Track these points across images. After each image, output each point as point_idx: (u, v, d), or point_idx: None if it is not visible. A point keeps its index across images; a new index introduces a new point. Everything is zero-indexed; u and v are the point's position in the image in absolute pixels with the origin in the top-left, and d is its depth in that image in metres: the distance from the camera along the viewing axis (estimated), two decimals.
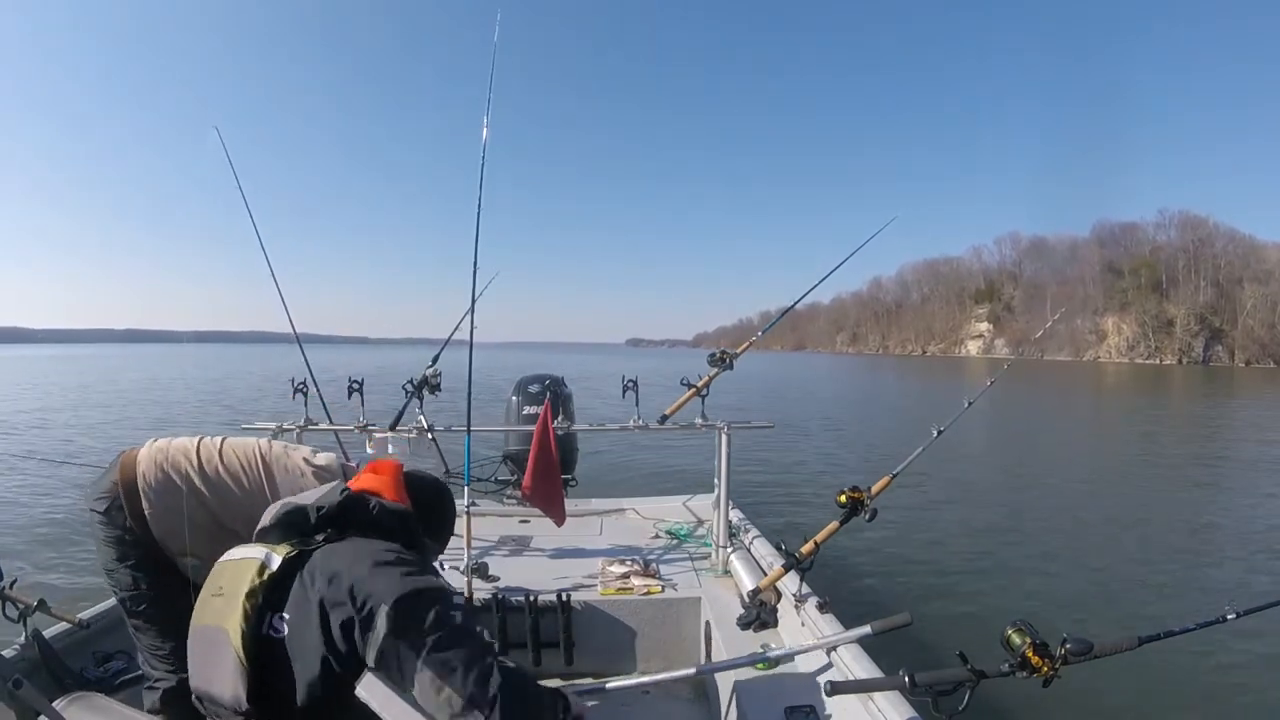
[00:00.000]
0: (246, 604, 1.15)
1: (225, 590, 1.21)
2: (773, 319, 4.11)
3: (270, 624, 1.16)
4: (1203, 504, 8.41)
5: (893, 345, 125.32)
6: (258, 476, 1.83)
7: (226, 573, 1.25)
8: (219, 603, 1.20)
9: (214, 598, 1.23)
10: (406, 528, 1.32)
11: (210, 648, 1.18)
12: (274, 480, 1.83)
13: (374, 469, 1.45)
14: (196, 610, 1.26)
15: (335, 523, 1.27)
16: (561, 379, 3.94)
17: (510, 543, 3.52)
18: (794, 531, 2.60)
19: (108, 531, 1.78)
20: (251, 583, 1.17)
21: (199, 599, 1.27)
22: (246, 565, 1.21)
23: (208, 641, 1.20)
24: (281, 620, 1.16)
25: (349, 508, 1.28)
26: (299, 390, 3.34)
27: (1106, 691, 3.44)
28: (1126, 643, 1.62)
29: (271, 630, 1.16)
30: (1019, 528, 7.17)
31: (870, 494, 2.36)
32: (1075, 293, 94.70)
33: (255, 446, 1.90)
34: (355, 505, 1.29)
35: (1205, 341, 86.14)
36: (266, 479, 1.83)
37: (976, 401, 2.75)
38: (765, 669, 2.17)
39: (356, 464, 2.03)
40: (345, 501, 1.29)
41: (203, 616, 1.24)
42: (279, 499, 1.79)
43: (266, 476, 1.83)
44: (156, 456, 1.81)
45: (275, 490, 1.82)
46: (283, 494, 1.80)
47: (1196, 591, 5.29)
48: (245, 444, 1.91)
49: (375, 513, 1.29)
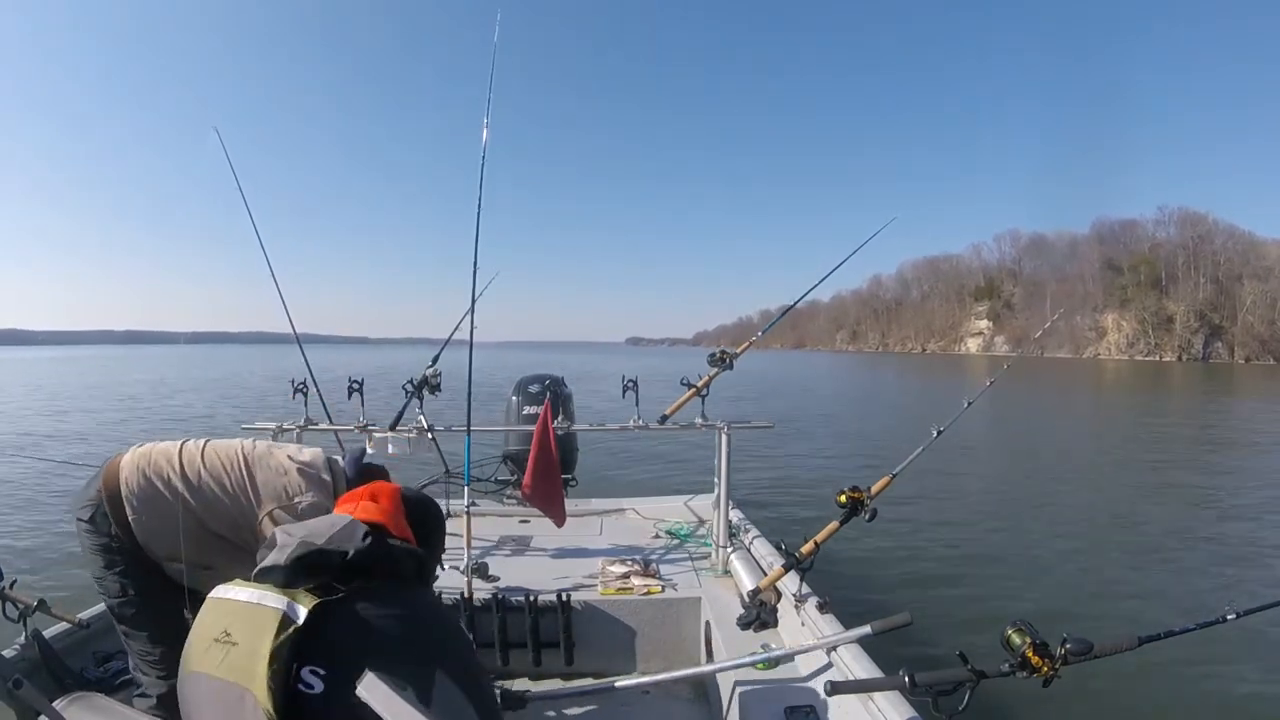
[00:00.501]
0: (274, 662, 1.06)
1: (238, 640, 1.11)
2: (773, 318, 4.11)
3: (299, 678, 1.08)
4: (1203, 503, 8.40)
5: (893, 343, 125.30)
6: (241, 478, 1.82)
7: (234, 617, 1.14)
8: (231, 654, 1.10)
9: (218, 644, 1.12)
10: (423, 568, 1.36)
11: (225, 704, 1.09)
12: (257, 481, 1.82)
13: (372, 495, 1.41)
14: (194, 653, 1.15)
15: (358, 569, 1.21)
16: (561, 379, 3.93)
17: (510, 543, 3.52)
18: (794, 531, 2.61)
19: (94, 540, 1.78)
20: (277, 638, 1.08)
21: (195, 640, 1.17)
22: (263, 615, 1.11)
23: (219, 695, 1.10)
24: (314, 675, 1.09)
25: (373, 554, 1.24)
26: (299, 390, 3.35)
27: (1106, 691, 3.44)
28: (1126, 643, 1.63)
29: (301, 685, 1.08)
30: (1019, 528, 7.17)
31: (870, 494, 2.36)
32: (1075, 290, 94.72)
33: (238, 448, 1.88)
34: (378, 551, 1.25)
35: (1205, 338, 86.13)
36: (250, 480, 1.82)
37: (976, 401, 2.75)
38: (765, 669, 2.17)
39: (344, 459, 2.02)
40: (371, 548, 1.24)
41: (206, 663, 1.12)
42: (264, 499, 1.79)
43: (249, 478, 1.82)
44: (139, 463, 1.80)
45: (258, 491, 1.81)
46: (265, 494, 1.80)
47: (1196, 591, 5.29)
48: (228, 446, 1.90)
49: (397, 556, 1.28)
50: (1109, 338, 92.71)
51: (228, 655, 1.10)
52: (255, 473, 1.84)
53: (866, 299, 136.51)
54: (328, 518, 1.34)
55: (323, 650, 1.10)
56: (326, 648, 1.11)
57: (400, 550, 1.30)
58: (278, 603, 1.12)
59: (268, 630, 1.09)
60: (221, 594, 1.19)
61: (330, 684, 1.08)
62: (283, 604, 1.11)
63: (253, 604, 1.13)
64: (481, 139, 2.98)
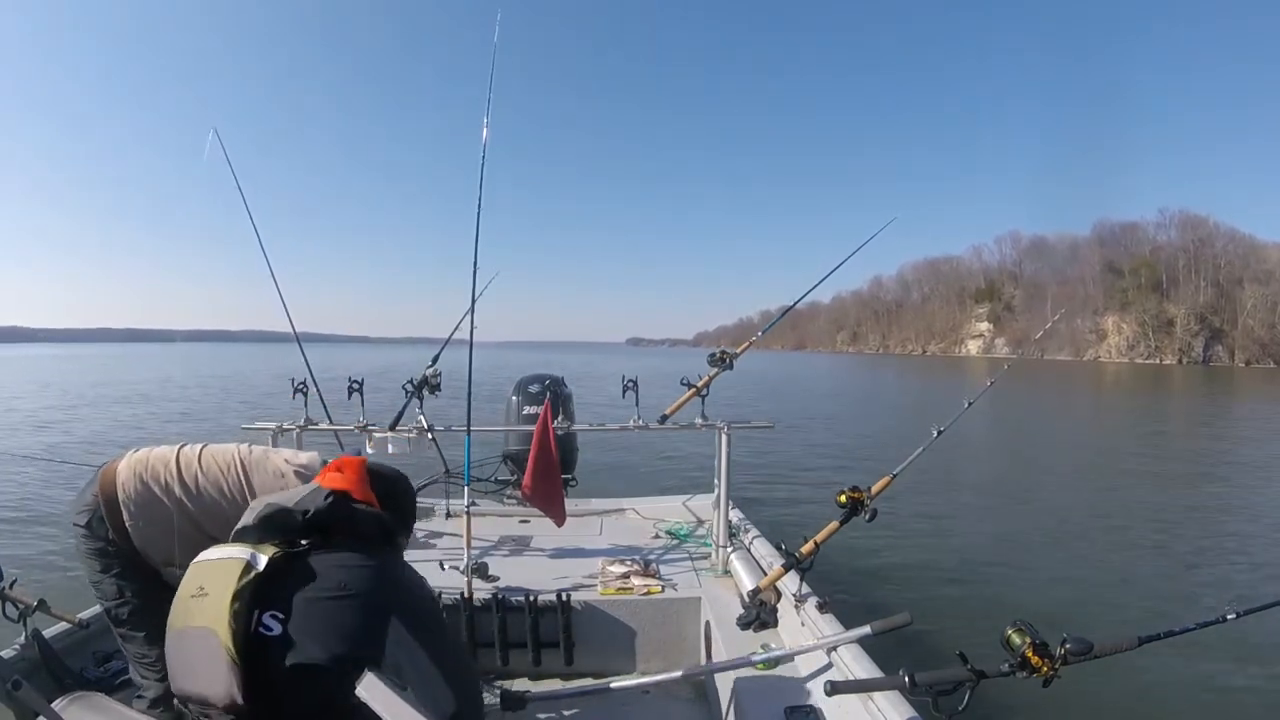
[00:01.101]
0: (235, 603, 1.16)
1: (208, 590, 1.20)
2: (773, 318, 4.11)
3: (260, 622, 1.17)
4: (1203, 504, 8.41)
5: (893, 344, 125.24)
6: (238, 482, 1.82)
7: (206, 573, 1.24)
8: (202, 603, 1.19)
9: (194, 599, 1.22)
10: (385, 530, 1.41)
11: (196, 648, 1.17)
12: (254, 485, 1.83)
13: (338, 467, 1.47)
14: (175, 613, 1.25)
15: (320, 527, 1.30)
16: (561, 379, 3.94)
17: (510, 543, 3.52)
18: (794, 531, 2.60)
19: (91, 544, 1.79)
20: (238, 582, 1.18)
21: (176, 602, 1.26)
22: (229, 565, 1.21)
23: (192, 642, 1.19)
24: (274, 619, 1.17)
25: (333, 513, 1.33)
26: (299, 390, 3.35)
27: (1106, 691, 3.44)
28: (1126, 643, 1.62)
29: (261, 628, 1.16)
30: (1019, 528, 7.17)
31: (870, 494, 2.36)
32: (1075, 292, 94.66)
33: (234, 452, 1.89)
34: (339, 510, 1.34)
35: (1205, 341, 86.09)
36: (246, 484, 1.82)
37: (976, 402, 2.75)
38: (765, 669, 2.17)
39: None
40: (331, 507, 1.33)
41: (184, 618, 1.22)
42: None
43: (246, 482, 1.83)
44: (136, 468, 1.81)
45: (256, 495, 1.81)
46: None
47: (1196, 591, 5.29)
48: (225, 450, 1.90)
49: (358, 518, 1.36)
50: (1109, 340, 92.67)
51: (201, 606, 1.19)
52: (252, 477, 1.84)
53: (867, 300, 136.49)
54: (301, 488, 1.42)
55: (282, 596, 1.19)
56: (285, 594, 1.19)
57: (362, 513, 1.38)
58: (242, 553, 1.23)
59: (231, 576, 1.19)
60: (200, 558, 1.29)
61: (288, 627, 1.17)
62: (246, 554, 1.22)
63: (222, 559, 1.24)
64: (481, 139, 2.98)
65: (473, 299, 2.94)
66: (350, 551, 1.29)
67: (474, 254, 2.83)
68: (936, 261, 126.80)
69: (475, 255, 2.83)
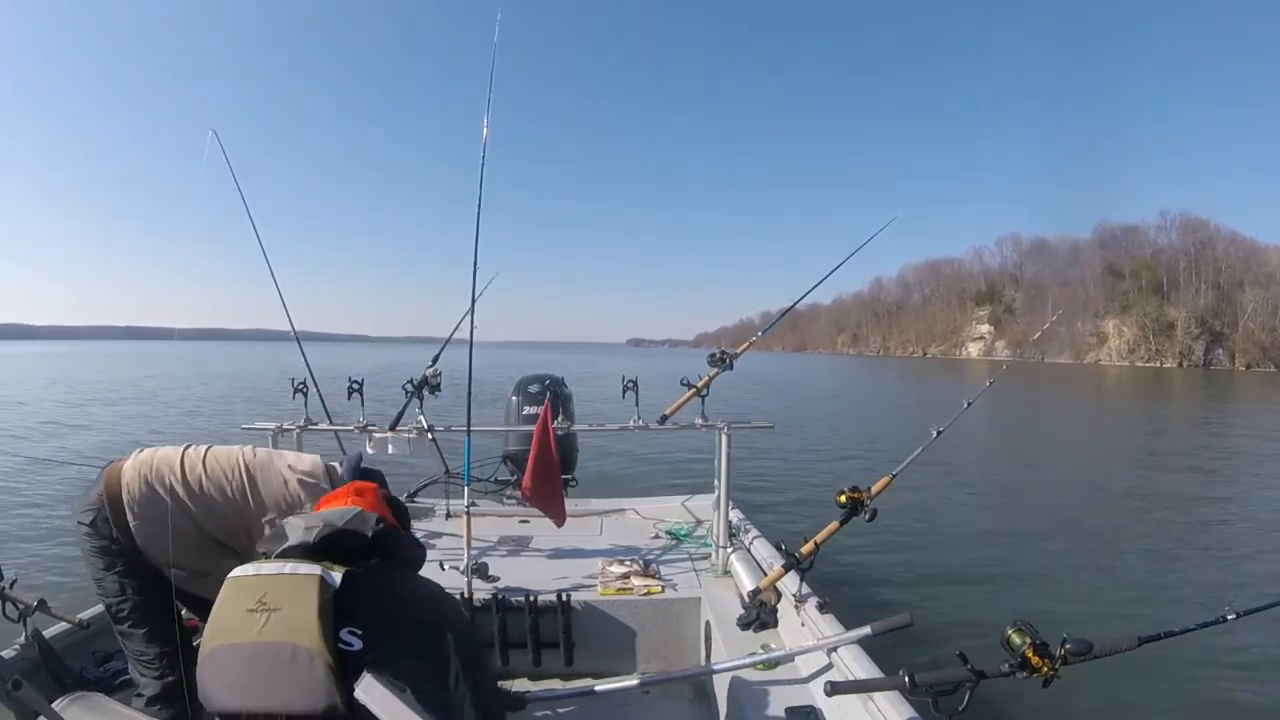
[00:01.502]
0: (322, 618, 1.17)
1: (278, 606, 1.19)
2: (773, 319, 4.11)
3: (339, 638, 1.18)
4: (1203, 504, 8.40)
5: (894, 346, 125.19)
6: (242, 485, 1.85)
7: (268, 587, 1.22)
8: (275, 617, 1.18)
9: (255, 614, 1.19)
10: (419, 555, 1.49)
11: (276, 662, 1.16)
12: (258, 489, 1.85)
13: (358, 493, 1.52)
14: (225, 629, 1.21)
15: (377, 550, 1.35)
16: (561, 379, 3.94)
17: (510, 543, 3.52)
18: (794, 531, 2.60)
19: (94, 543, 1.81)
20: (321, 598, 1.19)
21: (221, 616, 1.23)
22: (301, 581, 1.21)
23: (270, 656, 1.17)
24: (352, 635, 1.19)
25: (387, 536, 1.39)
26: (299, 390, 3.35)
27: (1106, 691, 3.44)
28: (1126, 643, 1.63)
29: (342, 644, 1.18)
30: (1019, 528, 7.17)
31: (870, 494, 2.36)
32: (1076, 295, 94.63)
33: (239, 456, 1.91)
34: (390, 534, 1.40)
35: (1206, 345, 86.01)
36: (250, 488, 1.85)
37: (975, 402, 2.75)
38: (765, 669, 2.17)
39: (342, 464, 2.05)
40: (385, 531, 1.39)
41: (243, 634, 1.19)
42: (264, 508, 1.82)
43: (250, 486, 1.85)
44: (141, 469, 1.83)
45: (260, 498, 1.84)
46: (267, 502, 1.83)
47: (1196, 591, 5.28)
48: (229, 453, 1.92)
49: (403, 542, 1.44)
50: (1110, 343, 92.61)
51: (269, 620, 1.18)
52: (257, 480, 1.87)
53: (868, 302, 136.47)
54: (336, 509, 1.42)
55: (357, 613, 1.21)
56: (360, 611, 1.21)
57: (406, 537, 1.47)
58: (311, 570, 1.23)
59: (310, 592, 1.19)
60: (242, 573, 1.28)
61: (367, 643, 1.19)
62: (317, 570, 1.23)
63: (285, 574, 1.24)
64: (482, 139, 2.98)
65: (473, 299, 2.94)
66: (403, 573, 1.39)
67: (474, 254, 2.84)
68: (937, 263, 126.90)
69: (475, 255, 2.83)
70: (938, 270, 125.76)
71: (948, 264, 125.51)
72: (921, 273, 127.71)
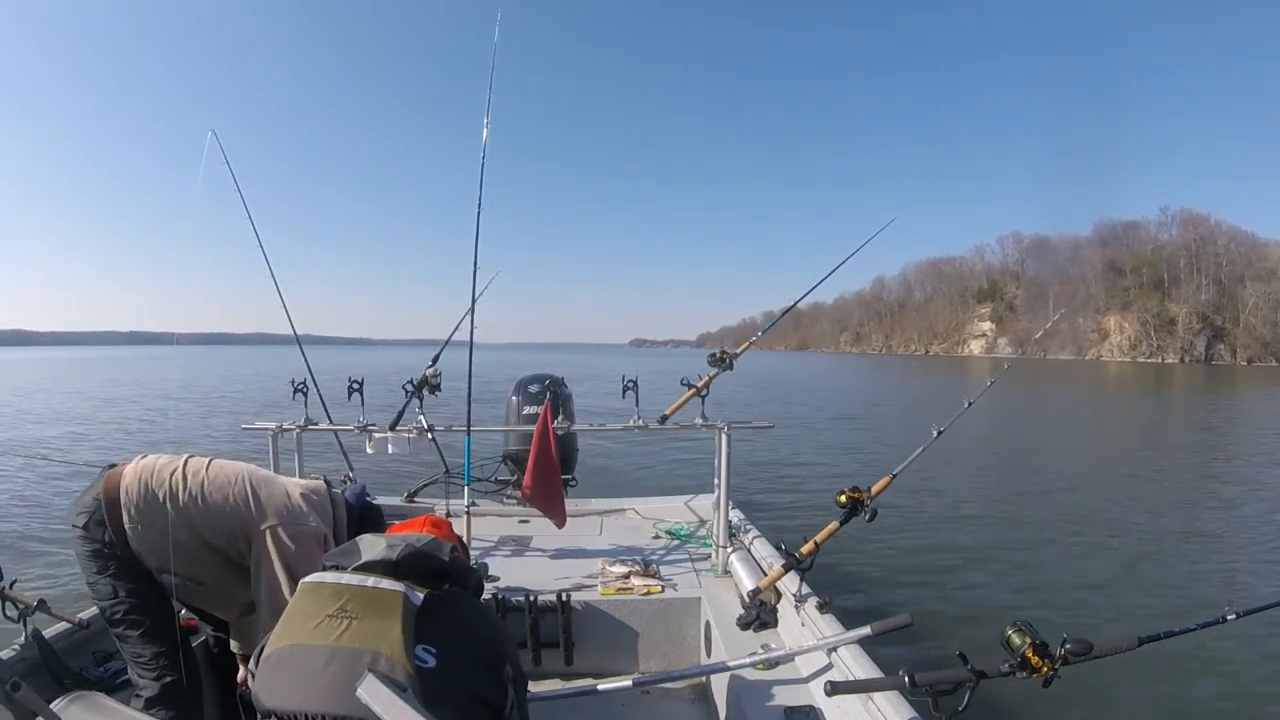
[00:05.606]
0: (405, 632, 1.22)
1: (362, 615, 1.24)
2: (774, 318, 4.12)
3: (417, 654, 1.22)
4: (1203, 504, 8.39)
5: (896, 345, 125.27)
6: (244, 491, 1.86)
7: (350, 597, 1.27)
8: (358, 626, 1.22)
9: (335, 619, 1.23)
10: (481, 585, 1.58)
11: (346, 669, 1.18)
12: (260, 496, 1.87)
13: (434, 525, 1.73)
14: (302, 629, 1.24)
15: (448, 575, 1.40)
16: (561, 379, 3.93)
17: (510, 543, 3.52)
18: (794, 531, 2.60)
19: (88, 545, 1.81)
20: (404, 613, 1.24)
21: (296, 616, 1.27)
22: (385, 595, 1.27)
23: (340, 662, 1.19)
24: (427, 652, 1.22)
25: (459, 563, 1.46)
26: (299, 390, 3.35)
27: (1106, 691, 3.43)
28: (1126, 643, 1.62)
29: (418, 660, 1.21)
30: (1019, 528, 7.16)
31: (870, 494, 2.36)
32: (1078, 292, 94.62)
33: (242, 467, 1.94)
34: (459, 565, 1.47)
35: (1207, 340, 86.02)
36: (253, 494, 1.86)
37: (977, 401, 2.74)
38: (765, 669, 2.17)
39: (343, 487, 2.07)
40: (459, 560, 1.47)
41: (321, 636, 1.22)
42: (265, 515, 1.84)
43: (253, 492, 1.87)
44: (141, 474, 1.83)
45: (262, 505, 1.85)
46: (269, 509, 1.85)
47: (1196, 591, 5.28)
48: (232, 464, 1.95)
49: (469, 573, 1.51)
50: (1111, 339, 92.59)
51: (350, 627, 1.23)
52: (260, 489, 1.89)
53: (869, 301, 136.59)
54: (411, 534, 1.48)
55: (433, 633, 1.25)
56: (437, 631, 1.26)
57: (471, 568, 1.55)
58: (395, 586, 1.28)
59: (394, 606, 1.25)
60: (321, 579, 1.33)
61: (440, 662, 1.23)
62: (400, 588, 1.28)
63: (369, 586, 1.29)
64: (482, 139, 2.98)
65: (473, 299, 2.95)
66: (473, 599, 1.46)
67: (474, 254, 2.84)
68: (939, 261, 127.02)
69: (475, 255, 2.84)
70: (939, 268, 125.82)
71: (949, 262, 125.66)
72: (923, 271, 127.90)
